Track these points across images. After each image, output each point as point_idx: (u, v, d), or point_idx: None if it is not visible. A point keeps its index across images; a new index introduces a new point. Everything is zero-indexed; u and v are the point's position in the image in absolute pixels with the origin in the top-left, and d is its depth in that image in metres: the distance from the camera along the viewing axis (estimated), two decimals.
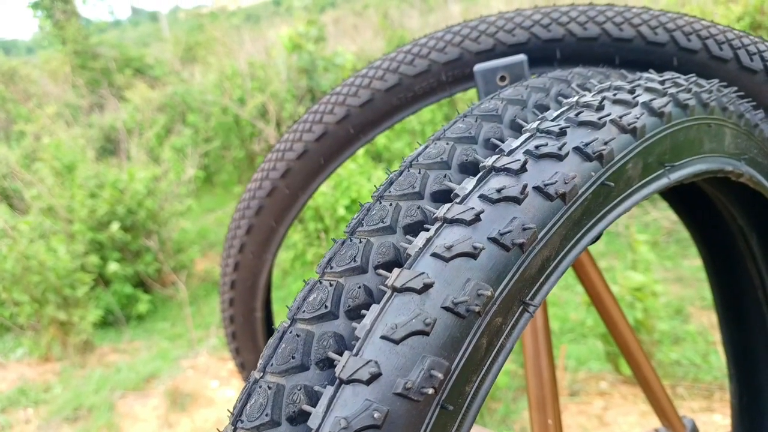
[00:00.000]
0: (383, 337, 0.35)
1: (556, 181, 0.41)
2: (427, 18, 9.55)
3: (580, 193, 0.43)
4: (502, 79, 0.75)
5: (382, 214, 0.45)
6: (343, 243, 0.44)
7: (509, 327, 0.39)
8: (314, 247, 3.91)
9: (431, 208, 0.43)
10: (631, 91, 0.52)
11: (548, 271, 0.41)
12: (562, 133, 0.45)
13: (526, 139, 0.46)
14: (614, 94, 0.51)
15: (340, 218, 3.73)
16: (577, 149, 0.44)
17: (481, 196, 0.41)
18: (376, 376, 0.34)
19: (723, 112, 0.58)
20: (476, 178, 0.43)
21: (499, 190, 0.41)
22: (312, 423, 0.34)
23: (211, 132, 6.81)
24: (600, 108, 0.48)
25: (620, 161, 0.46)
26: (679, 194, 0.95)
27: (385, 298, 0.38)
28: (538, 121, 0.48)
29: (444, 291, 0.37)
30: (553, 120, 0.48)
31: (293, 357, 0.38)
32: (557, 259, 0.42)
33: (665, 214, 3.82)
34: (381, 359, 0.35)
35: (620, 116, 0.47)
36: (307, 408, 0.36)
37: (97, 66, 10.54)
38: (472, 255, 0.38)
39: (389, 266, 0.41)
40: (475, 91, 0.78)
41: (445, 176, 0.46)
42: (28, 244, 3.66)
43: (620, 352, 0.94)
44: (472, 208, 0.40)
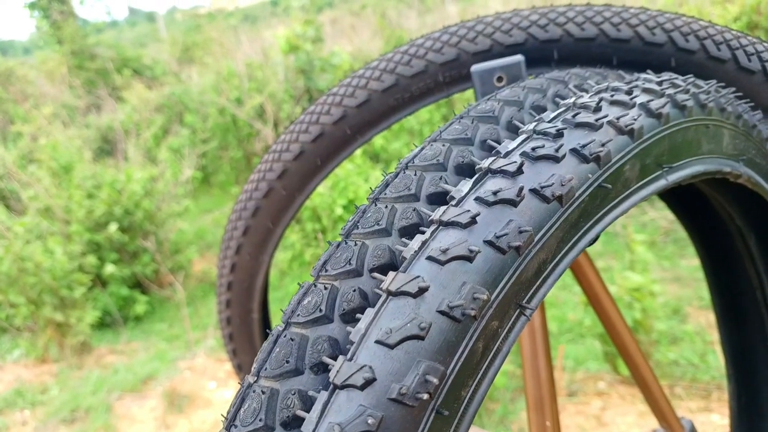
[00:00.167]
0: (378, 342, 0.35)
1: (553, 183, 0.41)
2: (424, 18, 9.55)
3: (577, 195, 0.42)
4: (500, 79, 0.74)
5: (377, 217, 0.44)
6: (339, 246, 0.44)
7: (506, 330, 0.39)
8: (312, 248, 3.90)
9: (427, 211, 0.43)
10: (629, 92, 0.52)
11: (545, 274, 0.41)
12: (559, 134, 0.45)
13: (523, 141, 0.46)
14: (611, 95, 0.51)
15: (337, 218, 3.72)
16: (574, 151, 0.44)
17: (477, 199, 0.41)
18: (370, 381, 0.34)
19: (721, 112, 0.57)
20: (472, 181, 0.43)
21: (495, 193, 0.40)
22: (306, 428, 0.34)
23: (209, 133, 6.79)
24: (597, 109, 0.48)
25: (617, 163, 0.45)
26: (677, 195, 0.95)
27: (380, 302, 0.37)
28: (534, 123, 0.48)
29: (439, 295, 0.36)
30: (550, 121, 0.48)
31: (287, 361, 0.38)
32: (554, 262, 0.42)
33: (663, 214, 3.82)
34: (375, 364, 0.34)
35: (617, 117, 0.47)
36: (301, 413, 0.35)
37: (94, 66, 10.53)
38: (468, 258, 0.37)
39: (384, 269, 0.40)
40: (473, 91, 0.78)
41: (441, 178, 0.46)
42: (24, 245, 3.65)
43: (618, 352, 0.94)
44: (468, 211, 0.40)
